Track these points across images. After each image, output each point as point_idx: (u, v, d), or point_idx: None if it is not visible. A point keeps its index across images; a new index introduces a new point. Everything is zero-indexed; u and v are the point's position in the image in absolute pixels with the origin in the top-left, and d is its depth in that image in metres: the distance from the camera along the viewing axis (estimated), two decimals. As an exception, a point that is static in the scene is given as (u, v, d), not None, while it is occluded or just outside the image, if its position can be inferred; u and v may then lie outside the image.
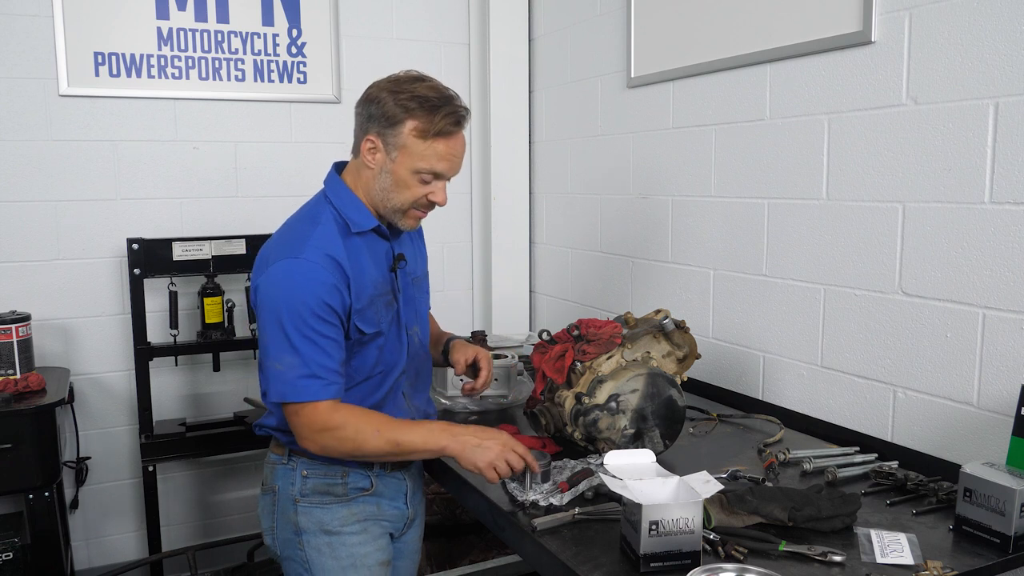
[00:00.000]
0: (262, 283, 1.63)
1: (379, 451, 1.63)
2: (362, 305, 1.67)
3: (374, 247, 1.74)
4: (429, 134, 1.62)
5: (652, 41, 2.66)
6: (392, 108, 1.63)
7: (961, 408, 1.77)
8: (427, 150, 1.64)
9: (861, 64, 1.94)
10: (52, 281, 2.93)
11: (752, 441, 2.03)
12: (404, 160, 1.65)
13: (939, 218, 1.79)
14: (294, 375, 1.59)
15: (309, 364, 1.59)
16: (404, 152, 1.64)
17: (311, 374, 1.59)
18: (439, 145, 1.64)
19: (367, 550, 1.76)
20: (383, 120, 1.64)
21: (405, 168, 1.66)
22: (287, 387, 1.60)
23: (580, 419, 1.81)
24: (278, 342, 1.60)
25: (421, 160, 1.64)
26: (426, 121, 1.62)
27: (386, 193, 1.69)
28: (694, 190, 2.51)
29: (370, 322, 1.69)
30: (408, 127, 1.63)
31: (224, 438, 2.94)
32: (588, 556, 1.39)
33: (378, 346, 1.73)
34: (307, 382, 1.59)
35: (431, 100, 1.63)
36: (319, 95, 3.24)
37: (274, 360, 1.61)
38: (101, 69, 2.92)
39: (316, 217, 1.70)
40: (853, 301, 2.00)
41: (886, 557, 1.38)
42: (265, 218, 3.10)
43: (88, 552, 3.09)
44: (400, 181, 1.67)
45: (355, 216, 1.70)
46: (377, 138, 1.66)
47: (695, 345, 2.01)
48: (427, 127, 1.62)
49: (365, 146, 1.68)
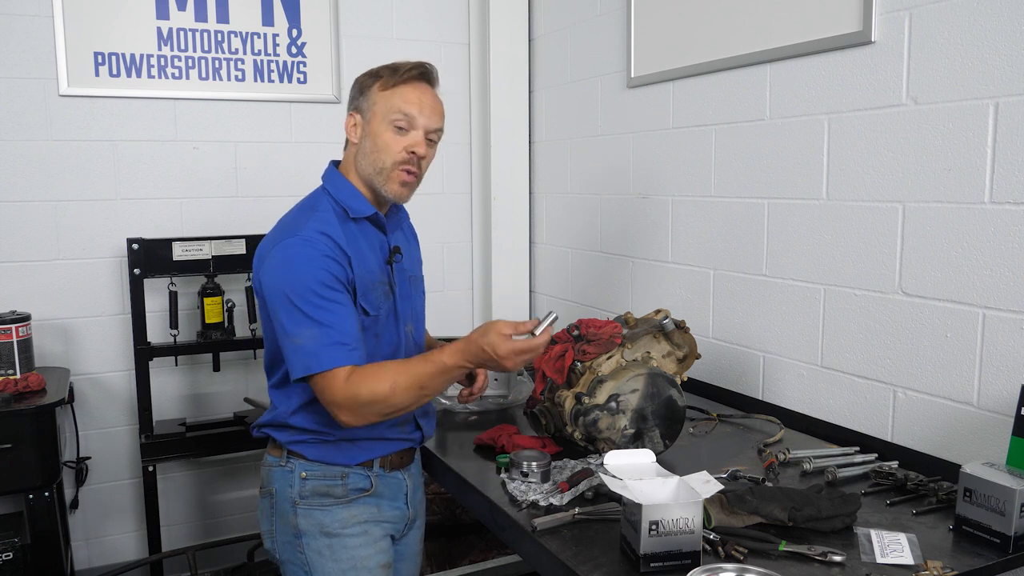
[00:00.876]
0: (265, 270, 1.63)
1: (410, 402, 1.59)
2: (364, 288, 1.68)
3: (370, 237, 1.76)
4: (393, 84, 1.72)
5: (652, 41, 2.66)
6: (364, 79, 1.76)
7: (961, 408, 1.77)
8: (393, 96, 1.71)
9: (861, 64, 1.94)
10: (52, 281, 2.93)
11: (752, 441, 2.03)
12: (377, 115, 1.72)
13: (939, 218, 1.79)
14: (316, 345, 1.56)
15: (331, 333, 1.57)
16: (375, 109, 1.72)
17: (334, 342, 1.56)
18: (405, 90, 1.72)
19: (368, 552, 1.75)
20: (358, 95, 1.76)
21: (380, 122, 1.72)
22: (311, 359, 1.56)
23: (580, 419, 1.81)
24: (294, 319, 1.58)
25: (390, 109, 1.71)
26: (390, 76, 1.72)
27: (370, 157, 1.72)
28: (694, 190, 2.51)
29: (372, 304, 1.70)
30: (376, 86, 1.73)
31: (224, 438, 2.94)
32: (588, 556, 1.39)
33: (375, 334, 1.73)
34: (330, 350, 1.56)
35: (397, 64, 1.74)
36: (319, 95, 3.24)
37: (292, 336, 1.58)
38: (101, 69, 2.92)
39: (314, 206, 1.72)
40: (853, 301, 2.00)
41: (886, 557, 1.38)
42: (265, 218, 3.08)
43: (88, 552, 3.09)
44: (378, 138, 1.71)
45: (352, 203, 1.73)
46: (355, 112, 1.76)
47: (695, 345, 2.01)
48: (390, 79, 1.72)
49: (348, 124, 1.77)
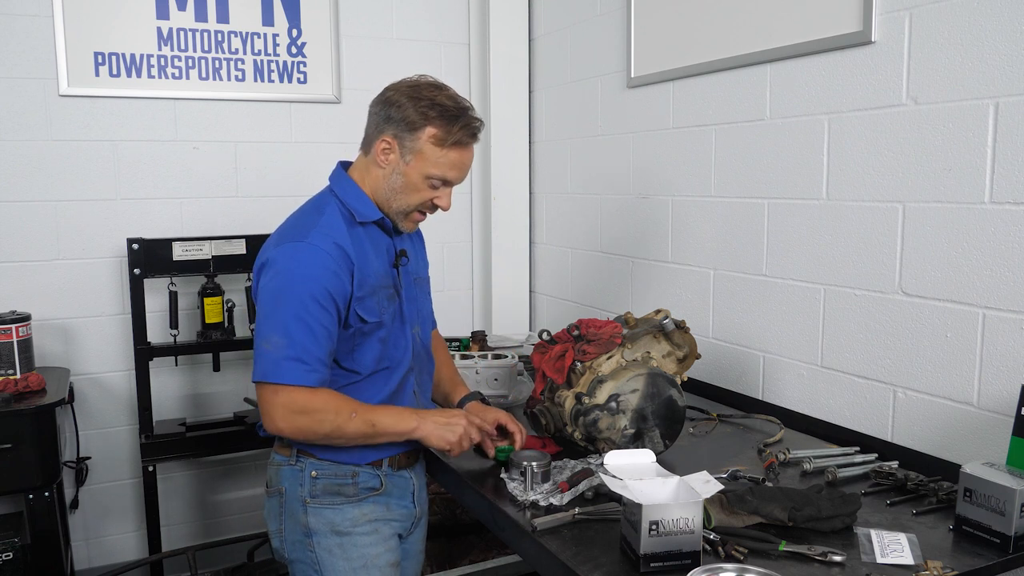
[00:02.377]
0: (266, 266, 1.65)
1: (357, 433, 1.66)
2: (364, 293, 1.69)
3: (376, 240, 1.77)
4: (447, 143, 1.68)
5: (652, 41, 2.66)
6: (412, 114, 1.67)
7: (961, 408, 1.77)
8: (442, 158, 1.69)
9: (861, 64, 1.94)
10: (52, 281, 2.93)
11: (752, 441, 2.03)
12: (418, 164, 1.69)
13: (939, 218, 1.79)
14: (279, 355, 1.60)
15: (295, 346, 1.60)
16: (419, 157, 1.69)
17: (296, 357, 1.60)
18: (453, 154, 1.69)
19: (378, 551, 1.76)
20: (402, 124, 1.68)
21: (417, 172, 1.70)
22: (270, 366, 1.61)
23: (580, 419, 1.81)
24: (271, 321, 1.62)
25: (434, 167, 1.69)
26: (445, 130, 1.67)
27: (395, 193, 1.73)
28: (694, 190, 2.51)
29: (371, 311, 1.70)
30: (427, 134, 1.67)
31: (224, 438, 2.94)
32: (588, 556, 1.39)
33: (380, 339, 1.73)
34: (291, 364, 1.60)
35: (450, 110, 1.68)
36: (319, 95, 3.24)
37: (264, 339, 1.62)
38: (101, 69, 2.92)
39: (321, 208, 1.73)
40: (853, 301, 2.00)
41: (886, 557, 1.38)
42: (265, 218, 3.10)
43: (88, 552, 3.09)
44: (411, 184, 1.71)
45: (360, 207, 1.73)
46: (393, 140, 1.70)
47: (695, 345, 2.01)
48: (445, 136, 1.67)
49: (380, 146, 1.72)
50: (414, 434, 1.70)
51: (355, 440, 1.68)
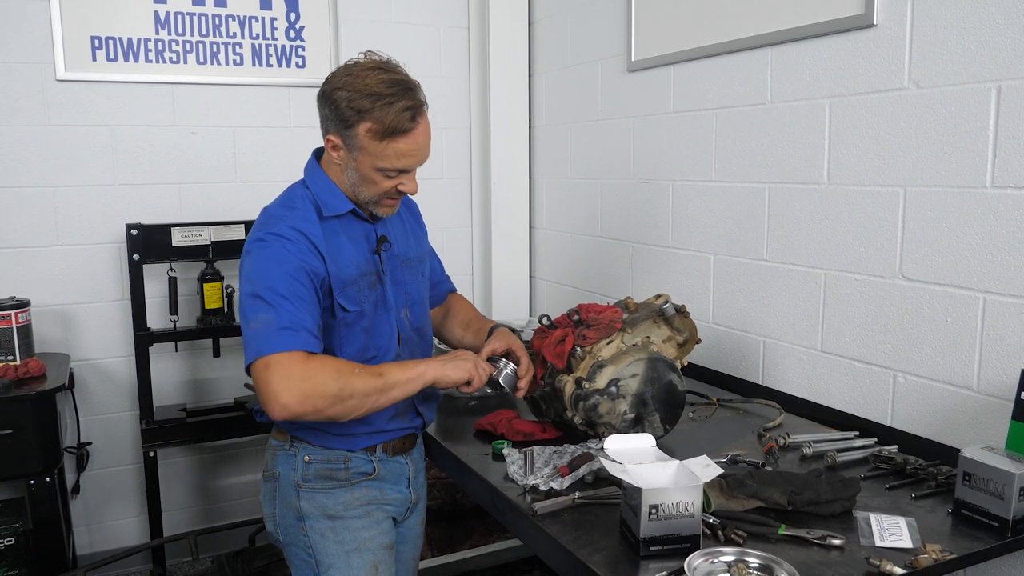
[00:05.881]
0: (241, 263, 1.66)
1: (367, 386, 1.58)
2: (343, 283, 1.68)
3: (353, 229, 1.75)
4: (384, 135, 1.60)
5: (653, 25, 2.65)
6: (345, 109, 1.61)
7: (961, 392, 1.78)
8: (386, 150, 1.62)
9: (863, 47, 1.94)
10: (51, 267, 2.93)
11: (752, 426, 2.03)
12: (365, 160, 1.65)
13: (940, 202, 1.79)
14: (269, 329, 1.54)
15: (282, 318, 1.55)
16: (363, 152, 1.64)
17: (285, 326, 1.55)
18: (398, 144, 1.62)
19: (371, 534, 1.77)
20: (338, 121, 1.63)
21: (367, 167, 1.65)
22: (261, 342, 1.54)
23: (580, 404, 1.81)
24: (254, 304, 1.58)
25: (381, 160, 1.64)
26: (379, 122, 1.59)
27: (355, 187, 1.71)
28: (695, 175, 2.50)
29: (352, 300, 1.70)
30: (363, 129, 1.61)
31: (224, 424, 2.95)
32: (588, 540, 1.40)
33: (363, 328, 1.73)
34: (281, 334, 1.54)
35: (384, 96, 1.59)
36: (318, 79, 3.15)
37: (251, 320, 1.58)
38: (98, 53, 2.91)
39: (292, 202, 1.72)
40: (854, 286, 2.00)
41: (885, 541, 1.39)
42: (264, 203, 3.04)
43: (90, 537, 3.11)
44: (366, 178, 1.68)
45: (329, 200, 1.72)
46: (336, 137, 1.66)
47: (695, 330, 2.01)
48: (381, 128, 1.60)
49: (327, 145, 1.70)
50: (425, 376, 1.65)
51: (368, 397, 1.59)
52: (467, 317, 2.06)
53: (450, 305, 2.10)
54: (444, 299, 2.10)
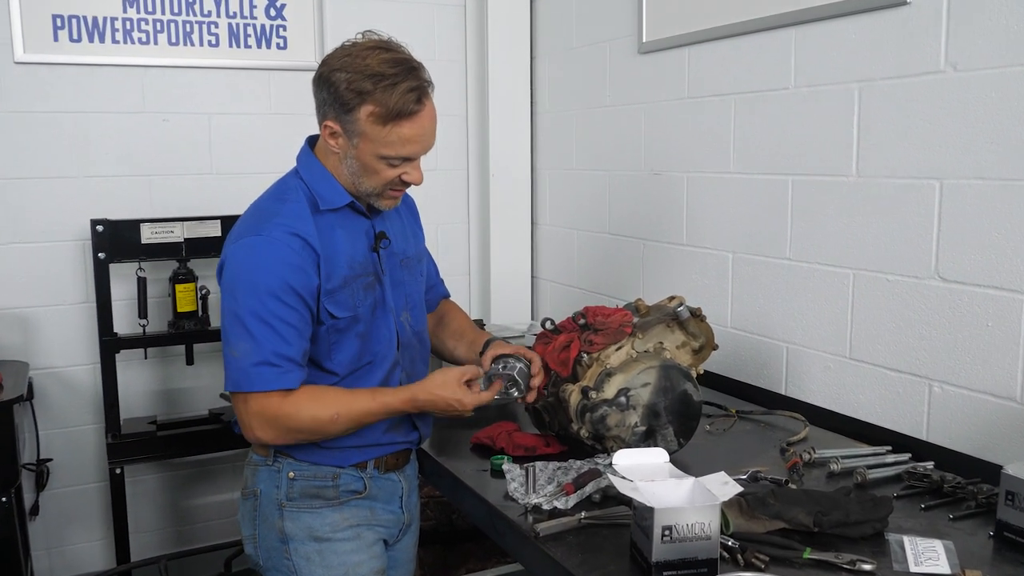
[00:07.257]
0: (225, 264, 1.66)
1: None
2: (334, 286, 1.68)
3: (350, 224, 1.75)
4: (388, 119, 1.60)
5: (666, 2, 2.65)
6: (345, 92, 1.61)
7: (1003, 404, 1.77)
8: (389, 135, 1.62)
9: (895, 27, 1.94)
10: (7, 267, 2.93)
11: (774, 439, 2.04)
12: (367, 147, 1.64)
13: (980, 196, 1.79)
14: (248, 362, 1.61)
15: (262, 350, 1.60)
16: (365, 139, 1.63)
17: (264, 361, 1.60)
18: (402, 128, 1.62)
19: (360, 558, 1.77)
20: (338, 106, 1.63)
21: (369, 154, 1.65)
22: (240, 376, 1.63)
23: (587, 415, 1.81)
24: (236, 328, 1.63)
25: (384, 147, 1.63)
26: (382, 104, 1.59)
27: (355, 178, 1.70)
28: (711, 166, 2.51)
29: (343, 305, 1.69)
30: (365, 113, 1.61)
31: (198, 437, 2.95)
32: (595, 564, 1.40)
33: (358, 334, 1.73)
34: (259, 370, 1.61)
35: (387, 77, 1.59)
36: (300, 62, 3.23)
37: (230, 347, 1.64)
38: (60, 33, 2.91)
39: (284, 194, 1.72)
40: (885, 287, 2.00)
41: (920, 566, 1.38)
42: (242, 197, 3.02)
43: (50, 562, 3.10)
44: (367, 167, 1.67)
45: (325, 192, 1.71)
46: (335, 123, 1.65)
47: (712, 335, 2.01)
48: (384, 111, 1.60)
49: (325, 132, 1.68)
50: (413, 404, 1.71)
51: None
52: (460, 327, 2.06)
53: (443, 312, 2.10)
54: (437, 304, 2.10)
